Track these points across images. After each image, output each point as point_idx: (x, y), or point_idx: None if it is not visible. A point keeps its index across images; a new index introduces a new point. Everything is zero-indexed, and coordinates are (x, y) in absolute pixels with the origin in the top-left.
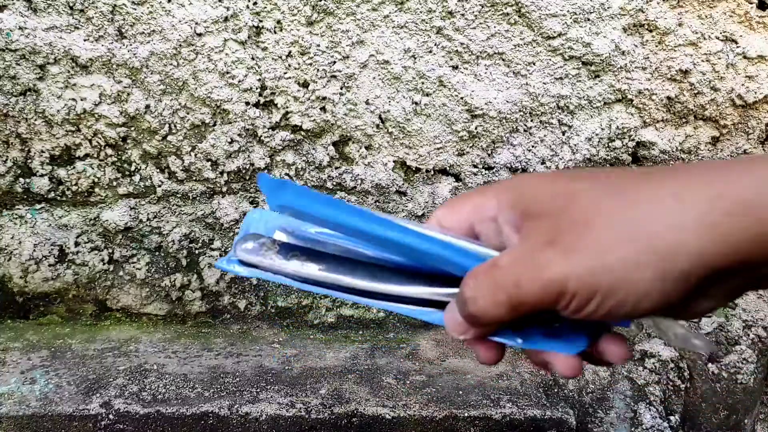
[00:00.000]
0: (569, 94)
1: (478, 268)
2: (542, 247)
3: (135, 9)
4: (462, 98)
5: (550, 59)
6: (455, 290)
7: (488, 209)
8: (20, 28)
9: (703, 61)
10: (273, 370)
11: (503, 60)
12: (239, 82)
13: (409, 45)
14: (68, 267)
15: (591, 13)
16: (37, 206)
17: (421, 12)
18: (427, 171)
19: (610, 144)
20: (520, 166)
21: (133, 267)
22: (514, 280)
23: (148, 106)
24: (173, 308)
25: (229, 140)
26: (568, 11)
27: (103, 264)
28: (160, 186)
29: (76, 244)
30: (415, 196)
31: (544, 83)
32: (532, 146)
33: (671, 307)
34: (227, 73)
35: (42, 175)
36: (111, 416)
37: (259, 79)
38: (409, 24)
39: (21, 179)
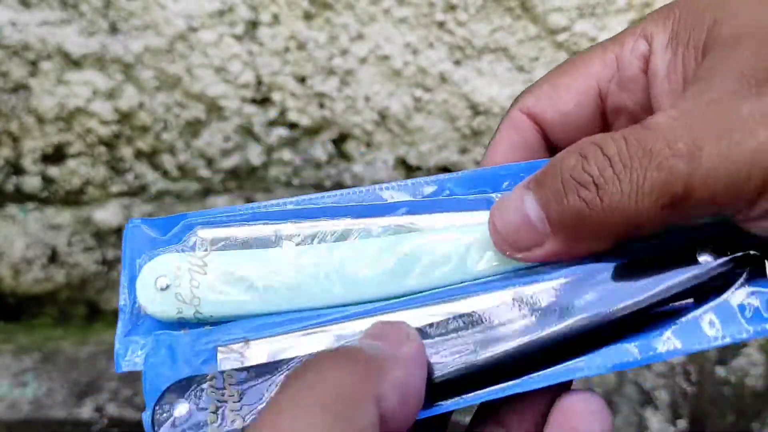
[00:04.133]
0: None
1: (601, 135)
2: (745, 90)
3: (129, 3)
4: (464, 94)
5: (554, 54)
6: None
7: (632, 55)
8: (12, 23)
9: None
10: None
11: (507, 55)
12: (235, 77)
13: (410, 39)
14: (61, 268)
15: (596, 7)
16: (29, 206)
17: (422, 5)
18: (428, 169)
19: None
20: None
21: None
22: (687, 148)
23: (141, 103)
24: None
25: (225, 137)
26: (573, 5)
27: (96, 265)
28: (153, 184)
29: (69, 244)
30: None
31: None
32: None
33: None
34: (223, 68)
35: (33, 174)
36: (104, 421)
37: (256, 75)
38: (410, 18)
39: (12, 178)
